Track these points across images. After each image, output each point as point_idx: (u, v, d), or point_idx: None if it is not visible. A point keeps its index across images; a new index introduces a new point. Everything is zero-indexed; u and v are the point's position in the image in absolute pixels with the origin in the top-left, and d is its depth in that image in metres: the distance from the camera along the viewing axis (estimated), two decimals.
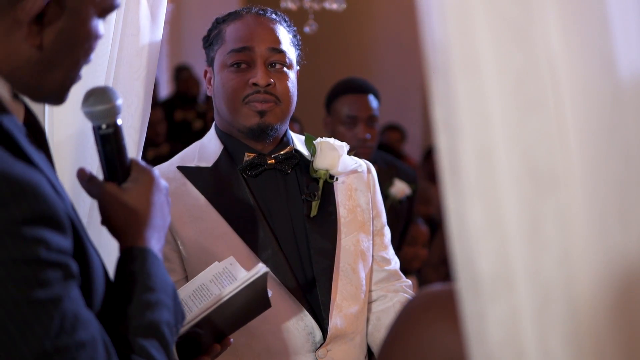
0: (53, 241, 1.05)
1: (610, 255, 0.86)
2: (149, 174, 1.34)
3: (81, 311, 1.09)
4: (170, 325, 1.24)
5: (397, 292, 2.14)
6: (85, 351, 1.07)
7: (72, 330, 1.06)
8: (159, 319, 1.21)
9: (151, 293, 1.22)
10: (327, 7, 4.14)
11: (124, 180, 1.32)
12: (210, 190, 1.98)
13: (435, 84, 0.90)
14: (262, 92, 1.95)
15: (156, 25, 1.95)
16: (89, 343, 1.08)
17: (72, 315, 1.06)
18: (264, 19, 2.02)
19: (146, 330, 1.19)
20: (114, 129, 1.31)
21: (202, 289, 1.66)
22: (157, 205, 1.32)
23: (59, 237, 1.06)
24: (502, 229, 0.86)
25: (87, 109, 1.30)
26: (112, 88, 1.33)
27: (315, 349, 1.95)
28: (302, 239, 1.99)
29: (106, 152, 1.31)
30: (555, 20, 0.85)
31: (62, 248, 1.07)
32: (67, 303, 1.06)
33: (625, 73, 0.88)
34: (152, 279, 1.24)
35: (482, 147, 0.86)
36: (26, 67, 1.16)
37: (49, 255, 1.04)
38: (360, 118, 3.40)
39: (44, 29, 1.15)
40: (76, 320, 1.07)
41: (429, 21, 0.90)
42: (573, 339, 0.85)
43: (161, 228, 1.32)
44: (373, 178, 2.16)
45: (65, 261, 1.07)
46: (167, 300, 1.24)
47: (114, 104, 1.29)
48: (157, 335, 1.20)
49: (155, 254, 1.27)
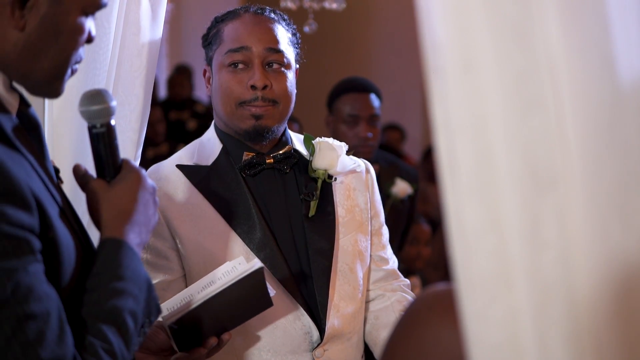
0: (14, 216, 1.12)
1: (610, 255, 0.86)
2: (137, 173, 1.40)
3: (38, 285, 1.14)
4: (136, 315, 1.28)
5: (395, 291, 2.14)
6: (35, 322, 1.12)
7: (24, 301, 1.12)
8: (122, 306, 1.26)
9: (119, 281, 1.27)
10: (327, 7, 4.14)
11: (114, 177, 1.39)
12: (209, 189, 1.98)
13: (435, 84, 0.90)
14: (260, 99, 1.94)
15: (156, 24, 1.95)
16: (41, 316, 1.13)
17: (25, 287, 1.12)
18: (262, 18, 2.02)
19: (107, 316, 1.24)
20: (107, 129, 1.38)
21: (210, 285, 1.71)
22: (140, 203, 1.38)
23: (21, 213, 1.13)
24: (502, 228, 0.86)
25: (82, 109, 1.37)
26: (107, 90, 1.40)
27: (313, 349, 1.95)
28: (300, 238, 1.99)
29: (99, 150, 1.38)
30: (555, 20, 0.85)
31: (23, 224, 1.13)
32: (22, 275, 1.12)
33: (625, 73, 0.87)
34: (122, 269, 1.29)
35: (482, 147, 0.86)
36: (13, 53, 1.23)
37: (8, 229, 1.11)
38: (361, 117, 3.41)
39: (27, 13, 1.22)
40: (30, 292, 1.12)
41: (428, 21, 0.90)
42: (573, 339, 0.85)
43: (143, 224, 1.38)
44: (371, 178, 2.15)
45: (24, 236, 1.13)
46: (136, 291, 1.29)
47: (109, 105, 1.37)
48: (118, 322, 1.25)
49: (130, 247, 1.32)
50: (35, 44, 1.24)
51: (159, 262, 1.94)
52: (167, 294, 1.84)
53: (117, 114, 1.92)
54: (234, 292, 1.67)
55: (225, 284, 1.66)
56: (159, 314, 1.36)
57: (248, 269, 1.68)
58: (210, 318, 1.69)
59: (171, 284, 1.92)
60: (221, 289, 1.66)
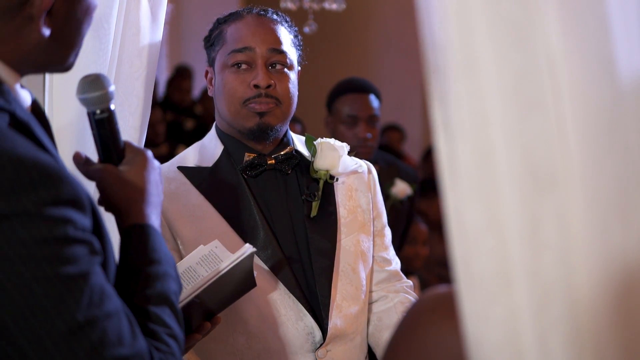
0: (78, 221, 1.12)
1: (610, 255, 0.86)
2: (143, 155, 1.41)
3: (105, 285, 1.15)
4: (177, 294, 1.31)
5: (398, 292, 2.14)
6: (112, 321, 1.13)
7: (100, 303, 1.13)
8: (167, 288, 1.28)
9: (158, 265, 1.29)
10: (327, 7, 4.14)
11: (119, 162, 1.39)
12: (211, 190, 1.99)
13: (435, 84, 0.90)
14: (263, 96, 1.95)
15: (156, 25, 1.95)
16: (115, 314, 1.14)
17: (98, 289, 1.13)
18: (265, 19, 2.02)
19: (158, 300, 1.26)
20: (108, 114, 1.37)
21: (190, 271, 1.71)
22: (152, 184, 1.39)
23: (82, 216, 1.14)
24: (502, 229, 0.86)
25: (81, 96, 1.36)
26: (105, 75, 1.38)
27: (315, 349, 1.95)
28: (302, 239, 1.99)
29: (101, 136, 1.38)
30: (555, 20, 0.85)
31: (86, 227, 1.14)
32: (94, 277, 1.13)
33: (625, 73, 0.88)
34: (157, 253, 1.30)
35: (482, 147, 0.86)
36: (34, 52, 1.22)
37: (75, 233, 1.11)
38: (360, 117, 3.41)
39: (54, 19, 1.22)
40: (102, 293, 1.13)
41: (428, 21, 0.90)
42: (573, 339, 0.85)
43: (157, 205, 1.39)
44: (373, 179, 2.16)
45: (89, 239, 1.14)
46: (172, 272, 1.32)
47: (107, 90, 1.36)
48: (169, 303, 1.27)
49: (156, 229, 1.34)
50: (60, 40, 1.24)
51: None
52: None
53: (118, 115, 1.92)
54: (227, 279, 1.68)
55: (218, 274, 1.66)
56: (181, 290, 1.38)
57: (242, 254, 1.68)
58: (201, 306, 1.70)
59: None
60: (214, 279, 1.65)
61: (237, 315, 1.90)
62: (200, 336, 1.71)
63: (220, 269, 1.66)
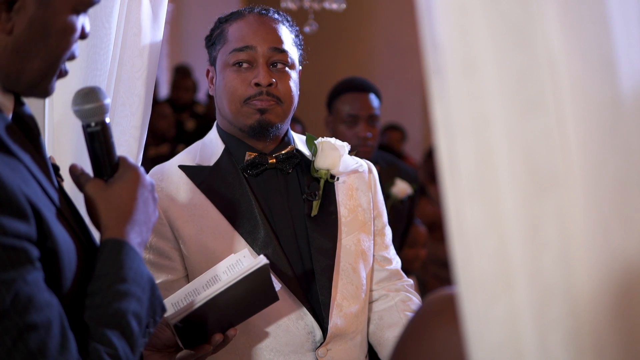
0: (8, 226, 1.10)
1: (610, 255, 0.86)
2: (135, 171, 1.38)
3: (38, 295, 1.12)
4: (139, 316, 1.26)
5: (399, 291, 2.15)
6: (37, 333, 1.11)
7: (24, 312, 1.10)
8: (125, 309, 1.24)
9: (122, 283, 1.26)
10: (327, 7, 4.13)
11: (111, 176, 1.37)
12: (212, 189, 1.99)
13: (435, 84, 0.90)
14: (264, 94, 1.96)
15: (157, 25, 1.95)
16: (42, 326, 1.12)
17: (25, 298, 1.10)
18: (267, 18, 2.03)
19: (110, 319, 1.23)
20: (102, 127, 1.35)
21: (215, 279, 1.71)
22: (140, 201, 1.36)
23: (16, 222, 1.11)
24: (502, 229, 0.86)
25: (76, 108, 1.34)
26: (101, 88, 1.37)
27: (316, 348, 1.95)
28: (303, 238, 2.00)
29: (94, 149, 1.36)
30: (555, 20, 0.85)
31: (19, 233, 1.12)
32: (20, 285, 1.10)
33: (625, 73, 0.88)
34: (124, 270, 1.27)
35: (482, 147, 0.86)
36: (3, 56, 1.21)
37: (4, 240, 1.09)
38: (361, 117, 3.41)
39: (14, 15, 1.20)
40: (29, 302, 1.11)
41: (428, 21, 0.90)
42: (573, 339, 0.85)
43: (143, 223, 1.36)
44: (374, 178, 2.16)
45: (21, 245, 1.12)
46: (139, 292, 1.27)
47: (102, 103, 1.34)
48: (121, 325, 1.23)
49: (131, 247, 1.30)
50: (24, 46, 1.21)
51: (161, 262, 1.95)
52: (169, 294, 1.84)
53: (119, 114, 1.93)
54: (240, 288, 1.67)
55: (231, 281, 1.66)
56: (163, 313, 1.35)
57: (254, 266, 1.67)
58: (215, 315, 1.69)
59: (174, 284, 1.93)
60: (227, 286, 1.65)
61: None
62: (211, 347, 1.71)
63: (229, 279, 1.66)
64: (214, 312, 1.68)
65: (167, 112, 6.41)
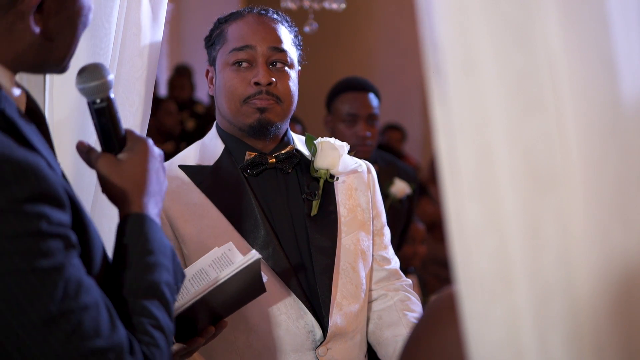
0: (53, 216, 1.13)
1: (610, 255, 0.86)
2: (144, 143, 1.39)
3: (83, 277, 1.16)
4: (170, 285, 1.30)
5: (398, 290, 2.15)
6: (89, 313, 1.14)
7: (76, 295, 1.13)
8: (158, 279, 1.28)
9: (150, 255, 1.29)
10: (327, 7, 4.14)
11: (120, 150, 1.38)
12: (212, 189, 1.99)
13: (435, 84, 0.90)
14: (264, 93, 1.96)
15: (157, 24, 1.95)
16: (93, 306, 1.15)
17: (74, 281, 1.14)
18: (266, 18, 2.04)
19: (147, 291, 1.26)
20: (108, 103, 1.37)
21: (201, 272, 1.71)
22: (152, 172, 1.38)
23: (58, 212, 1.14)
24: (502, 228, 0.86)
25: (81, 86, 1.36)
26: (103, 64, 1.38)
27: (316, 347, 1.95)
28: (303, 237, 2.00)
29: (102, 125, 1.37)
30: (555, 20, 0.85)
31: (62, 222, 1.14)
32: (69, 270, 1.13)
33: (625, 73, 0.88)
34: (150, 243, 1.30)
35: (482, 147, 0.86)
36: (29, 51, 1.23)
37: (50, 228, 1.12)
38: (360, 116, 3.41)
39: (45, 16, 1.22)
40: (79, 285, 1.14)
41: (428, 21, 0.90)
42: (573, 339, 0.85)
43: (157, 193, 1.38)
44: (373, 178, 2.16)
45: (65, 233, 1.15)
46: (166, 262, 1.31)
47: (106, 79, 1.36)
48: (157, 295, 1.27)
49: (152, 219, 1.33)
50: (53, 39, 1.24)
51: None
52: None
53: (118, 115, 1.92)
54: (232, 283, 1.67)
55: (224, 278, 1.66)
56: (183, 279, 1.37)
57: (247, 261, 1.68)
58: (207, 309, 1.70)
59: None
60: (220, 282, 1.65)
61: (238, 313, 1.90)
62: (204, 340, 1.71)
63: (223, 275, 1.66)
64: (206, 307, 1.69)
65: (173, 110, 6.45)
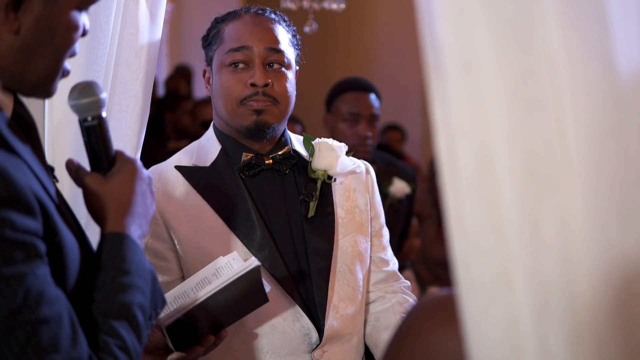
0: (18, 222, 1.11)
1: (610, 255, 0.86)
2: (132, 164, 1.38)
3: (47, 289, 1.13)
4: (144, 308, 1.28)
5: (396, 293, 2.14)
6: (49, 327, 1.11)
7: (36, 306, 1.11)
8: (130, 301, 1.25)
9: (125, 276, 1.27)
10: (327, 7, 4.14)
11: (108, 170, 1.37)
12: (208, 190, 1.98)
13: (435, 84, 0.90)
14: (261, 94, 1.95)
15: (155, 24, 1.94)
16: (54, 320, 1.12)
17: (35, 292, 1.11)
18: (263, 18, 2.02)
19: (117, 312, 1.24)
20: (99, 121, 1.36)
21: (204, 281, 1.71)
22: (138, 194, 1.36)
23: (25, 218, 1.12)
24: (502, 229, 0.86)
25: (72, 102, 1.35)
26: (97, 82, 1.37)
27: (312, 350, 1.94)
28: (299, 239, 1.99)
29: (92, 144, 1.37)
30: (555, 20, 0.85)
31: (28, 229, 1.12)
32: (31, 280, 1.11)
33: (625, 73, 0.87)
34: (127, 263, 1.28)
35: (482, 147, 0.86)
36: (8, 55, 1.21)
37: (14, 235, 1.10)
38: (362, 116, 3.41)
39: (21, 15, 1.20)
40: (40, 297, 1.12)
41: (428, 21, 0.90)
42: (573, 339, 0.85)
43: (142, 216, 1.37)
44: (372, 179, 2.15)
45: (31, 240, 1.12)
46: (142, 284, 1.29)
47: (99, 97, 1.35)
48: (128, 317, 1.24)
49: (132, 240, 1.31)
50: (31, 45, 1.22)
51: (157, 263, 1.94)
52: None
53: (116, 115, 1.92)
54: (231, 290, 1.67)
55: (222, 284, 1.65)
56: (164, 305, 1.36)
57: (245, 268, 1.67)
58: (206, 317, 1.69)
59: (169, 285, 1.92)
60: (218, 288, 1.65)
61: None
62: (203, 349, 1.70)
63: (221, 280, 1.66)
64: (205, 314, 1.68)
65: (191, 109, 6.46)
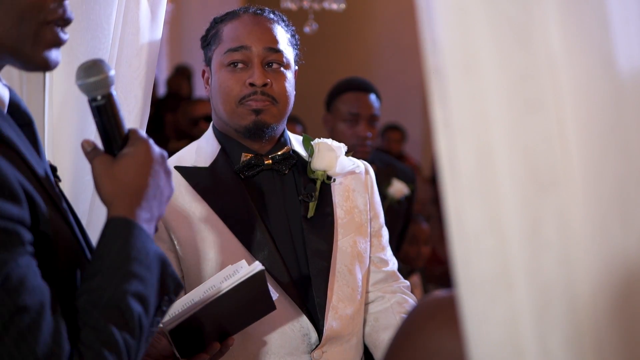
0: (1, 208, 1.09)
1: (610, 255, 0.86)
2: (143, 144, 1.31)
3: (29, 278, 1.10)
4: (143, 297, 1.20)
5: (395, 293, 2.14)
6: (28, 315, 1.08)
7: (15, 294, 1.08)
8: (125, 290, 1.18)
9: (122, 263, 1.20)
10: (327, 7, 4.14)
11: (121, 149, 1.31)
12: (207, 190, 1.98)
13: (435, 84, 0.90)
14: (259, 94, 1.95)
15: (156, 24, 1.94)
16: (34, 309, 1.09)
17: (16, 280, 1.08)
18: (262, 18, 2.02)
19: (108, 302, 1.17)
20: (108, 100, 1.30)
21: (212, 288, 1.69)
22: (148, 175, 1.29)
23: (9, 205, 1.10)
24: (502, 229, 0.86)
25: (80, 82, 1.29)
26: (103, 60, 1.32)
27: (311, 350, 1.94)
28: (299, 239, 1.99)
29: (103, 123, 1.31)
30: (555, 21, 0.85)
31: (12, 215, 1.10)
32: (12, 267, 1.08)
33: (625, 73, 0.88)
34: (126, 249, 1.21)
35: (482, 147, 0.86)
36: None
37: None
38: (362, 116, 3.42)
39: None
40: (21, 285, 1.09)
41: (428, 21, 0.90)
42: (573, 339, 0.85)
43: (153, 197, 1.29)
44: (371, 179, 2.15)
45: (13, 228, 1.10)
46: (142, 272, 1.21)
47: (107, 75, 1.29)
48: (120, 307, 1.17)
49: (136, 224, 1.24)
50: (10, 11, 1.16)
51: None
52: None
53: None
54: (235, 295, 1.65)
55: (226, 288, 1.64)
56: (179, 289, 1.28)
57: (249, 272, 1.66)
58: (211, 323, 1.68)
59: None
60: (222, 292, 1.63)
61: None
62: (208, 356, 1.69)
63: (225, 285, 1.64)
64: (210, 319, 1.66)
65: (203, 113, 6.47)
